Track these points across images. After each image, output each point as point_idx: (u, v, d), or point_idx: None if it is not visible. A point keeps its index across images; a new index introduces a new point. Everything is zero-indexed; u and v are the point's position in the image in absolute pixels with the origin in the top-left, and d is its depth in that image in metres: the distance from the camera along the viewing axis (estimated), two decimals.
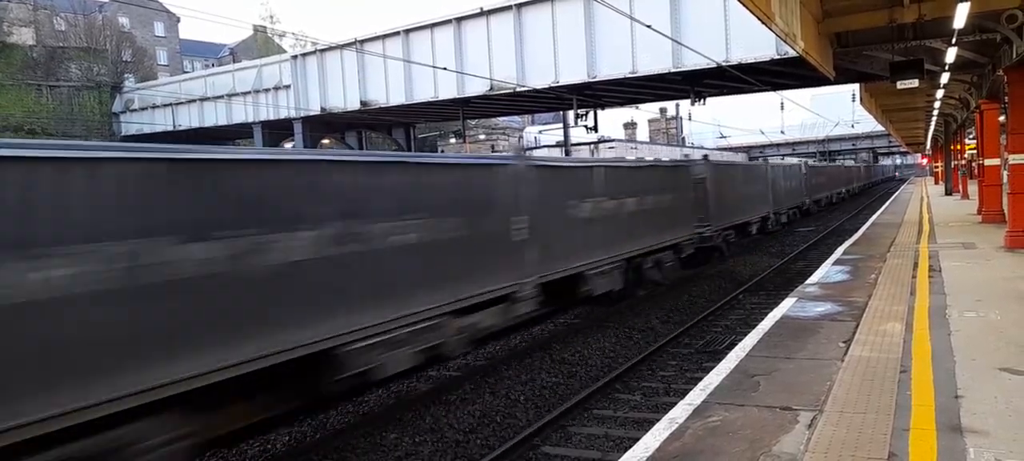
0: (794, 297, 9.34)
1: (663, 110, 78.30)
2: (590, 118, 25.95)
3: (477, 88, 23.77)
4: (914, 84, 13.84)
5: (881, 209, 28.80)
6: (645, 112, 79.17)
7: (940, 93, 20.03)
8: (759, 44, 17.60)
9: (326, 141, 33.83)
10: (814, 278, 11.03)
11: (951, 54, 12.65)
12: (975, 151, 27.77)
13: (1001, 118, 18.01)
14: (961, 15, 9.73)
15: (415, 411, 7.57)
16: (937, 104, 23.69)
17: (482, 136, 60.15)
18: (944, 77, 16.01)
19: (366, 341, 6.16)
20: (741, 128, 70.26)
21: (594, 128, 26.45)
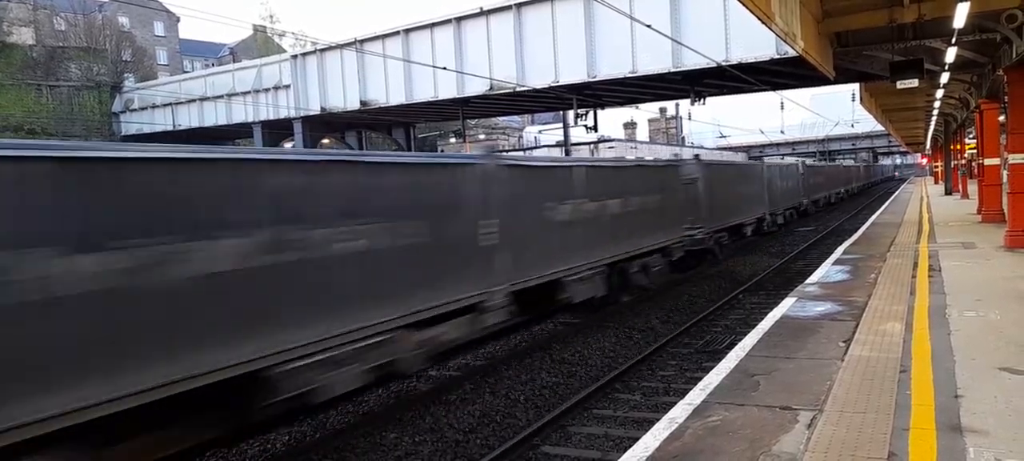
0: (794, 297, 9.35)
1: (663, 110, 78.43)
2: (590, 118, 25.98)
3: (477, 88, 23.76)
4: (914, 84, 13.85)
5: (881, 209, 28.80)
6: (645, 112, 79.34)
7: (940, 93, 20.04)
8: (759, 44, 17.60)
9: (326, 141, 33.85)
10: (814, 278, 11.03)
11: (951, 54, 12.66)
12: (975, 151, 27.76)
13: (1001, 118, 18.03)
14: (961, 15, 9.74)
15: (415, 411, 7.57)
16: (937, 104, 23.70)
17: (482, 136, 60.19)
18: (944, 77, 16.02)
19: (303, 360, 5.63)
20: (741, 128, 70.34)
21: (594, 128, 26.48)
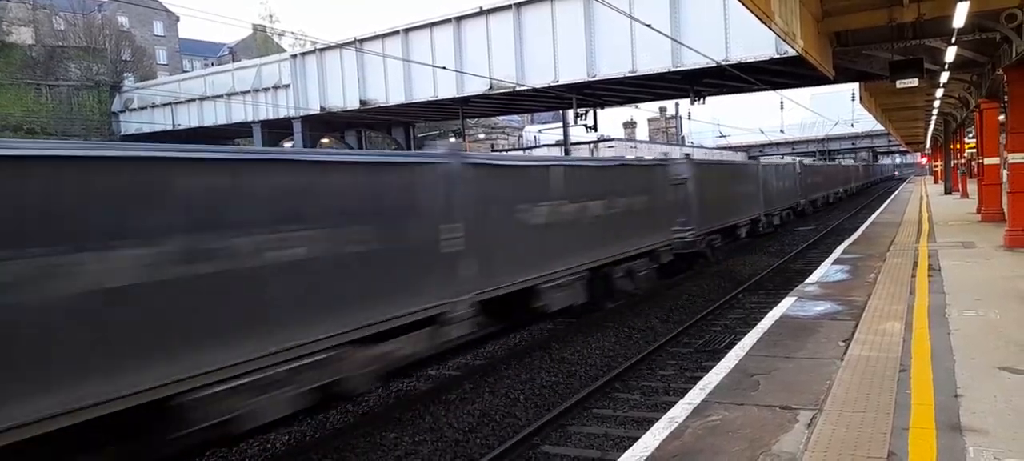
0: (793, 296, 9.35)
1: (663, 109, 78.38)
2: (590, 117, 25.97)
3: (477, 87, 23.75)
4: (914, 83, 13.84)
5: (880, 208, 28.81)
6: (645, 111, 79.55)
7: (940, 92, 20.04)
8: (759, 43, 17.59)
9: (326, 140, 33.86)
10: (813, 277, 11.03)
11: (951, 53, 12.66)
12: (975, 150, 27.75)
13: (1001, 117, 18.04)
14: (961, 14, 9.73)
15: (415, 410, 7.56)
16: (937, 103, 23.71)
17: (482, 135, 60.13)
18: (944, 76, 16.02)
19: (223, 385, 5.07)
20: (741, 127, 70.51)
21: (594, 127, 26.48)
